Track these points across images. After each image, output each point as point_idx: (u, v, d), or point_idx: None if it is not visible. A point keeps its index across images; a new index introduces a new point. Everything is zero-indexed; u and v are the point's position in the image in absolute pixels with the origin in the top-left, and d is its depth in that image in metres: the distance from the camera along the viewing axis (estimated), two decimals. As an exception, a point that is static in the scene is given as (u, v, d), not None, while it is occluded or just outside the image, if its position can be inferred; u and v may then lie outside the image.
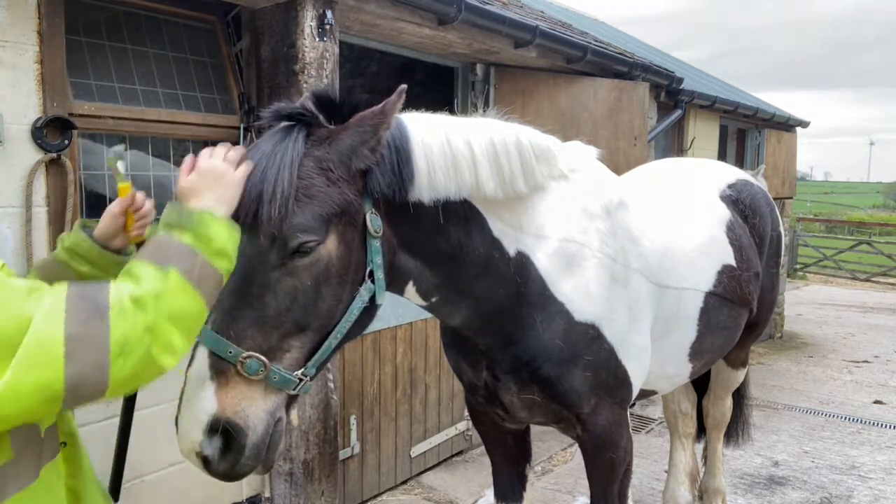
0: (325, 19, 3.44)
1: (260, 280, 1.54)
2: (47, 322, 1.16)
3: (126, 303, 1.24)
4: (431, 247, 1.89)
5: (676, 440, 3.86)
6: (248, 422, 1.51)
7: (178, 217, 1.41)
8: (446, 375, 4.72)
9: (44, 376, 1.15)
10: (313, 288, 1.59)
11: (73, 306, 1.20)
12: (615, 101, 5.55)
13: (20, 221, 2.85)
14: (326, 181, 1.59)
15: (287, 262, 1.55)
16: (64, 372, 1.16)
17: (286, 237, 1.53)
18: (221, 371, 1.50)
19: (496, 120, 2.06)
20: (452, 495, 4.41)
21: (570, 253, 2.15)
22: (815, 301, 13.13)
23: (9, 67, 2.77)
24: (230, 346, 1.50)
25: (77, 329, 1.18)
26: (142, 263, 1.33)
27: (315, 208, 1.56)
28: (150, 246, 1.39)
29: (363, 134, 1.64)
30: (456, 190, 1.84)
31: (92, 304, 1.22)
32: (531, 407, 2.28)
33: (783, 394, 6.85)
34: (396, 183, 1.72)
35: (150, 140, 3.39)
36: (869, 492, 4.57)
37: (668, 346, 2.62)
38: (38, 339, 1.15)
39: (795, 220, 18.95)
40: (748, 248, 3.02)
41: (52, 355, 1.15)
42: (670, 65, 8.01)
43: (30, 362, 1.13)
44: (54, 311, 1.18)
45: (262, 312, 1.54)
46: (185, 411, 1.50)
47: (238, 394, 1.51)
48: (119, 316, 1.23)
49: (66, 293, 1.22)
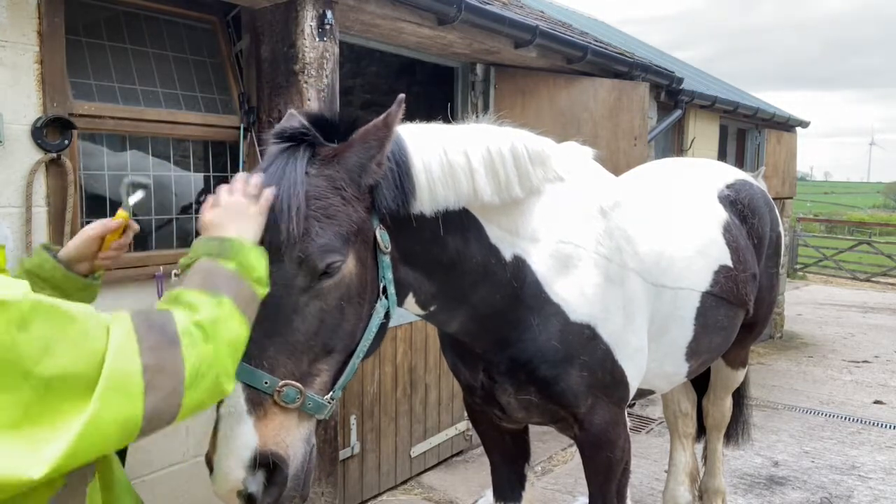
0: (325, 19, 3.44)
1: (289, 306, 1.52)
2: (122, 354, 1.14)
3: (194, 331, 1.24)
4: (430, 257, 1.89)
5: (676, 440, 3.86)
6: (289, 451, 1.48)
7: (217, 247, 1.41)
8: (446, 375, 4.72)
9: (125, 410, 1.12)
10: (338, 309, 1.59)
11: (144, 336, 1.18)
12: (615, 101, 5.55)
13: (20, 221, 2.85)
14: (342, 200, 1.59)
15: (314, 285, 1.54)
16: (143, 403, 1.14)
17: (314, 259, 1.52)
18: (259, 403, 1.46)
19: (491, 125, 2.06)
20: (452, 495, 4.41)
21: (566, 254, 2.15)
22: (815, 301, 13.13)
23: (9, 67, 2.77)
24: (265, 376, 1.47)
25: (153, 360, 1.16)
26: (192, 292, 1.33)
27: (336, 228, 1.56)
28: (196, 274, 1.38)
29: (369, 149, 1.62)
30: (455, 200, 1.85)
31: (162, 334, 1.20)
32: (528, 407, 2.29)
33: (783, 394, 6.85)
34: (400, 197, 1.72)
35: (150, 140, 3.39)
36: (869, 492, 4.57)
37: (665, 345, 2.62)
38: (117, 373, 1.12)
39: (795, 220, 18.95)
40: (745, 248, 3.02)
41: (132, 387, 1.13)
42: (670, 65, 8.02)
43: (110, 396, 1.10)
44: (127, 342, 1.15)
45: (293, 338, 1.52)
46: (224, 450, 1.44)
47: (277, 424, 1.48)
48: (191, 345, 1.22)
49: (133, 323, 1.19)
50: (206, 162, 3.65)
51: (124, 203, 1.68)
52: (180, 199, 3.59)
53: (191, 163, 3.60)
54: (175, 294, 1.33)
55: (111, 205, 3.28)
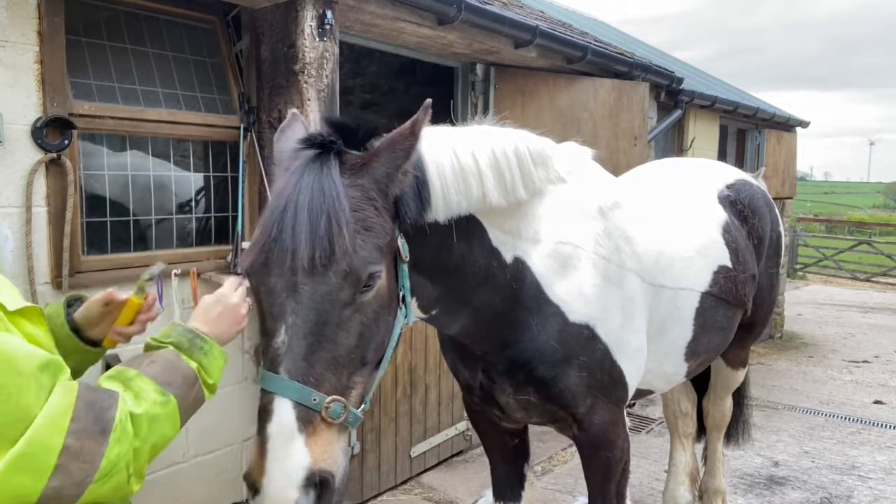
0: (325, 19, 3.44)
1: (333, 320, 1.50)
2: (49, 427, 1.11)
3: (128, 426, 1.21)
4: (437, 263, 1.89)
5: (676, 440, 3.86)
6: (334, 467, 1.49)
7: (189, 342, 1.42)
8: (446, 376, 4.72)
9: (25, 485, 1.09)
10: (374, 320, 1.58)
11: (80, 415, 1.15)
12: (615, 101, 5.55)
13: (20, 221, 2.85)
14: (375, 211, 1.57)
15: (356, 298, 1.53)
16: (45, 485, 1.10)
17: (359, 272, 1.50)
18: (308, 421, 1.45)
19: (493, 127, 2.06)
20: (452, 495, 4.41)
21: (565, 255, 2.15)
22: (815, 301, 13.13)
23: (9, 67, 2.77)
24: (314, 393, 1.45)
25: (76, 443, 1.13)
26: (145, 380, 1.31)
27: (374, 240, 1.55)
28: (156, 363, 1.36)
29: (396, 159, 1.60)
30: (466, 205, 1.85)
31: (98, 418, 1.17)
32: (527, 407, 2.29)
33: (783, 394, 6.85)
34: (419, 205, 1.71)
35: (150, 140, 3.39)
36: (869, 492, 4.57)
37: (665, 345, 2.62)
38: (35, 445, 1.09)
39: (795, 220, 18.94)
40: (745, 249, 3.02)
41: (42, 465, 1.10)
42: (670, 65, 8.01)
43: (18, 467, 1.08)
44: (59, 415, 1.13)
45: (336, 353, 1.51)
46: (276, 471, 1.41)
47: (325, 441, 1.47)
48: (118, 440, 1.19)
49: (77, 395, 1.17)
50: (206, 162, 3.65)
51: (139, 285, 1.67)
52: (180, 199, 3.59)
53: (191, 163, 3.60)
54: (129, 375, 1.31)
55: (111, 205, 3.28)
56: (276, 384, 1.44)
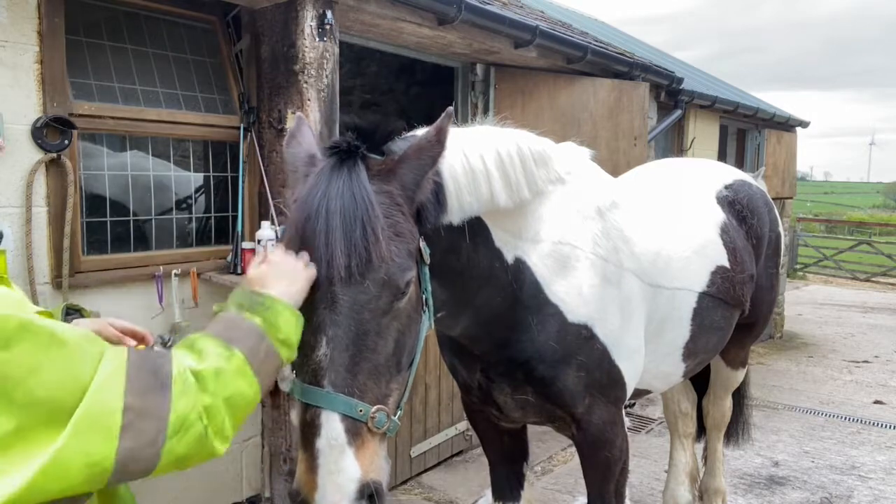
0: (325, 19, 3.44)
1: (372, 329, 1.49)
2: (106, 390, 1.08)
3: (189, 378, 1.18)
4: (446, 265, 1.88)
5: (676, 440, 3.86)
6: (382, 475, 1.48)
7: (249, 300, 1.38)
8: (446, 375, 4.72)
9: (95, 450, 1.05)
10: (408, 326, 1.58)
11: (134, 374, 1.12)
12: (615, 101, 5.55)
13: (20, 221, 2.86)
14: (403, 217, 1.57)
15: (394, 305, 1.52)
16: (117, 446, 1.07)
17: (397, 279, 1.50)
18: (356, 433, 1.44)
19: (495, 127, 2.06)
20: (452, 495, 4.41)
21: (564, 255, 2.16)
22: (815, 301, 13.13)
23: (9, 67, 2.78)
24: (360, 404, 1.44)
25: (137, 400, 1.10)
26: (207, 338, 1.28)
27: (406, 246, 1.55)
28: (218, 322, 1.35)
29: (423, 166, 1.60)
30: (477, 207, 1.86)
31: (154, 375, 1.15)
32: (525, 407, 2.29)
33: (783, 394, 6.85)
34: (437, 208, 1.72)
35: (150, 140, 3.40)
36: (869, 492, 4.57)
37: (663, 345, 2.62)
38: (95, 408, 1.06)
39: (795, 220, 18.94)
40: (743, 249, 3.02)
41: (108, 427, 1.06)
42: (670, 65, 8.02)
43: (83, 431, 1.04)
44: (114, 377, 1.10)
45: (377, 361, 1.50)
46: (330, 486, 1.40)
47: (371, 451, 1.46)
48: (181, 392, 1.16)
49: (128, 359, 1.15)
50: (206, 162, 3.65)
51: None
52: (180, 198, 3.60)
53: (191, 163, 3.60)
54: (192, 339, 1.29)
55: (111, 205, 3.28)
56: (322, 398, 1.42)
